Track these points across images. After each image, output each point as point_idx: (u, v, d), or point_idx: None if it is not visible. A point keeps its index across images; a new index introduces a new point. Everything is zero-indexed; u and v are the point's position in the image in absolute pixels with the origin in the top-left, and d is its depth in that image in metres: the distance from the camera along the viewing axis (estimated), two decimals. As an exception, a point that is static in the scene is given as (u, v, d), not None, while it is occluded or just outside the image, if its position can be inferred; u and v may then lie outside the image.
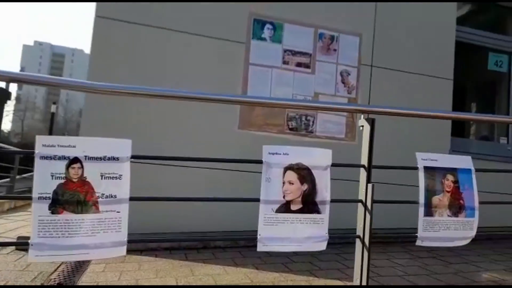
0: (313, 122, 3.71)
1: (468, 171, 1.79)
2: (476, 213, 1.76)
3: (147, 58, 3.32)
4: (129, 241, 1.31)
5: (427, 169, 1.74)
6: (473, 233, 1.76)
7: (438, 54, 4.16)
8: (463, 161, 1.79)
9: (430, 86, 4.11)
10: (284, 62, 3.64)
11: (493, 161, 4.45)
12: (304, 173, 1.54)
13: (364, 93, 3.90)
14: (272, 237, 1.47)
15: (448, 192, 1.74)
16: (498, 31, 4.90)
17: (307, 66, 3.72)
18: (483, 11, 5.05)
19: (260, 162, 1.51)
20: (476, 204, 1.76)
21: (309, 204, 1.53)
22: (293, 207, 1.52)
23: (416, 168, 1.74)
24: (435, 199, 1.73)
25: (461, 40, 4.60)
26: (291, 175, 1.52)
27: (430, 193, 1.72)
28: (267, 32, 3.60)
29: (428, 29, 4.14)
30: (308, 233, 1.52)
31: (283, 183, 1.51)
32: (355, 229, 1.71)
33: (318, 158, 1.59)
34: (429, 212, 1.71)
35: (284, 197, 1.51)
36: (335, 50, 3.81)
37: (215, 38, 3.49)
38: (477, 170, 1.80)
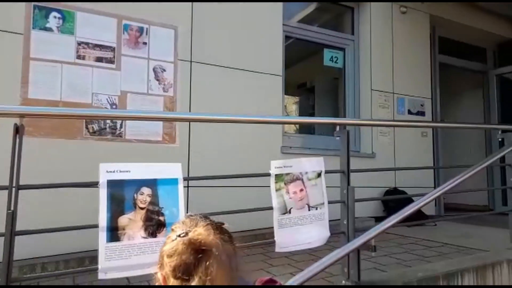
0: (121, 124, 3.28)
1: (173, 181, 1.52)
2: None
3: None
4: None
5: (113, 183, 1.41)
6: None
7: (266, 50, 4.05)
8: (166, 170, 1.51)
9: (259, 83, 3.97)
10: (79, 57, 3.15)
11: (330, 156, 4.55)
12: None
13: (184, 91, 3.59)
14: None
15: (142, 208, 1.45)
16: (337, 28, 5.04)
17: (110, 61, 3.28)
18: (326, 10, 5.15)
19: None
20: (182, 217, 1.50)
21: None
22: None
23: (95, 184, 1.40)
24: (124, 220, 1.42)
25: (296, 37, 4.60)
26: None
27: (116, 212, 1.41)
28: (53, 21, 3.07)
29: (253, 25, 3.99)
30: None
31: None
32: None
33: None
34: (114, 236, 1.40)
35: None
36: (145, 43, 3.43)
37: (-20, 28, 2.86)
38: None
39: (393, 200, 4.51)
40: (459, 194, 5.61)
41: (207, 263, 0.77)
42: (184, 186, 3.45)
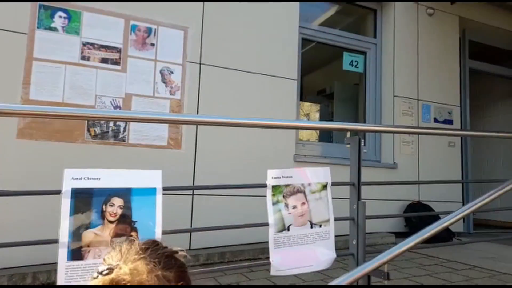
0: (124, 128, 3.15)
1: (150, 191, 1.32)
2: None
3: None
4: None
5: (78, 192, 1.24)
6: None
7: (280, 53, 3.84)
8: (143, 178, 1.32)
9: (272, 87, 3.77)
10: (83, 58, 3.05)
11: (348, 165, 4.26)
12: None
13: (191, 94, 3.43)
14: None
15: (111, 222, 1.26)
16: (359, 31, 4.78)
17: (115, 62, 3.16)
18: (347, 12, 4.91)
19: None
20: (158, 233, 1.31)
21: None
22: None
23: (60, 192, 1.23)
24: (89, 234, 1.23)
25: (314, 40, 4.39)
26: None
27: (80, 226, 1.23)
28: (58, 21, 2.99)
29: (267, 26, 3.80)
30: None
31: None
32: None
33: None
34: (77, 253, 1.21)
35: None
36: (152, 44, 3.30)
37: (-16, 27, 2.80)
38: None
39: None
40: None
41: None
42: (189, 194, 3.33)
